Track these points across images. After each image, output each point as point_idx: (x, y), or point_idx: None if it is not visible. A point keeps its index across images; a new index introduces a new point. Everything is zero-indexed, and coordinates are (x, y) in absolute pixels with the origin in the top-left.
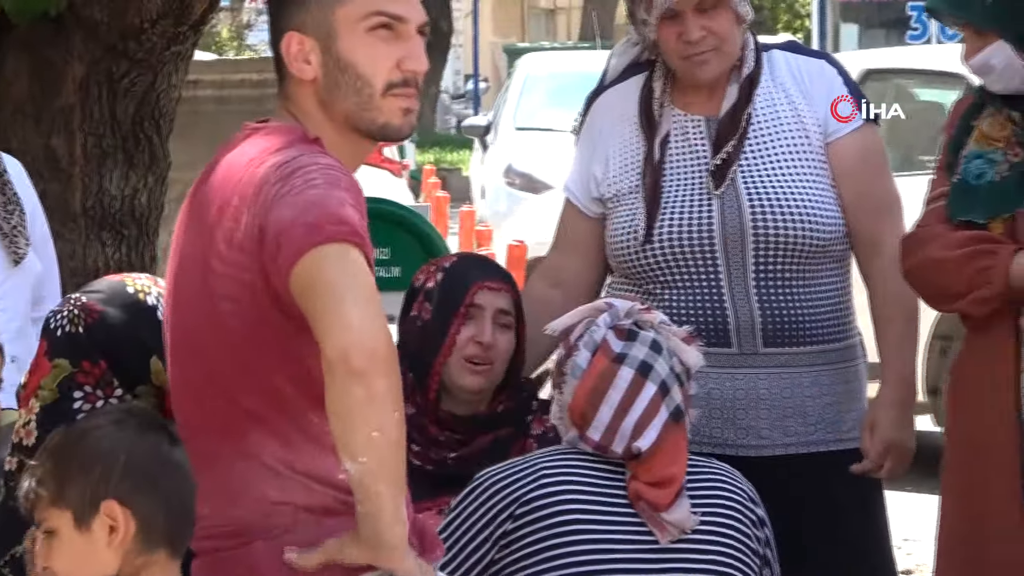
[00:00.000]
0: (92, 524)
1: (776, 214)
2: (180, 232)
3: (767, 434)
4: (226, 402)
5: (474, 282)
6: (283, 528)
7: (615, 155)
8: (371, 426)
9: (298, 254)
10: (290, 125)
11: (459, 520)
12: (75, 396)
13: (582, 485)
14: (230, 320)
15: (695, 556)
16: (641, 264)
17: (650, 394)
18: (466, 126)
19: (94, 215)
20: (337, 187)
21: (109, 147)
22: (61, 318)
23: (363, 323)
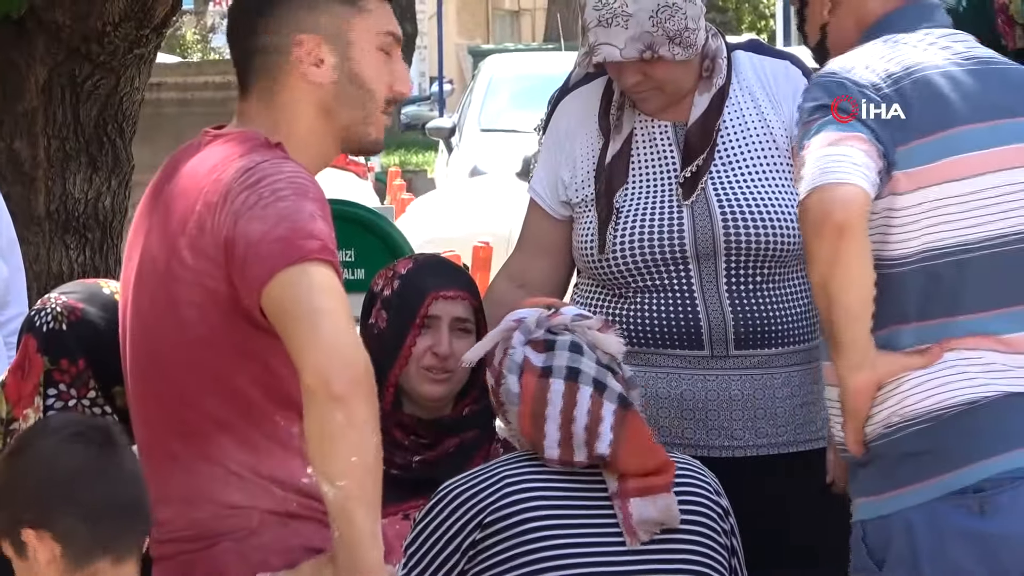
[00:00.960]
0: (26, 551)
1: (748, 223)
2: (137, 240)
3: (740, 435)
4: (189, 407)
5: (430, 292)
6: (248, 530)
7: (581, 159)
8: (351, 451)
9: (269, 273)
10: (250, 131)
11: (426, 532)
12: (49, 394)
13: (548, 491)
14: (193, 326)
15: (666, 555)
16: (605, 271)
17: (587, 396)
18: (431, 128)
19: (58, 218)
20: (305, 198)
21: (72, 150)
22: (45, 315)
23: (343, 348)
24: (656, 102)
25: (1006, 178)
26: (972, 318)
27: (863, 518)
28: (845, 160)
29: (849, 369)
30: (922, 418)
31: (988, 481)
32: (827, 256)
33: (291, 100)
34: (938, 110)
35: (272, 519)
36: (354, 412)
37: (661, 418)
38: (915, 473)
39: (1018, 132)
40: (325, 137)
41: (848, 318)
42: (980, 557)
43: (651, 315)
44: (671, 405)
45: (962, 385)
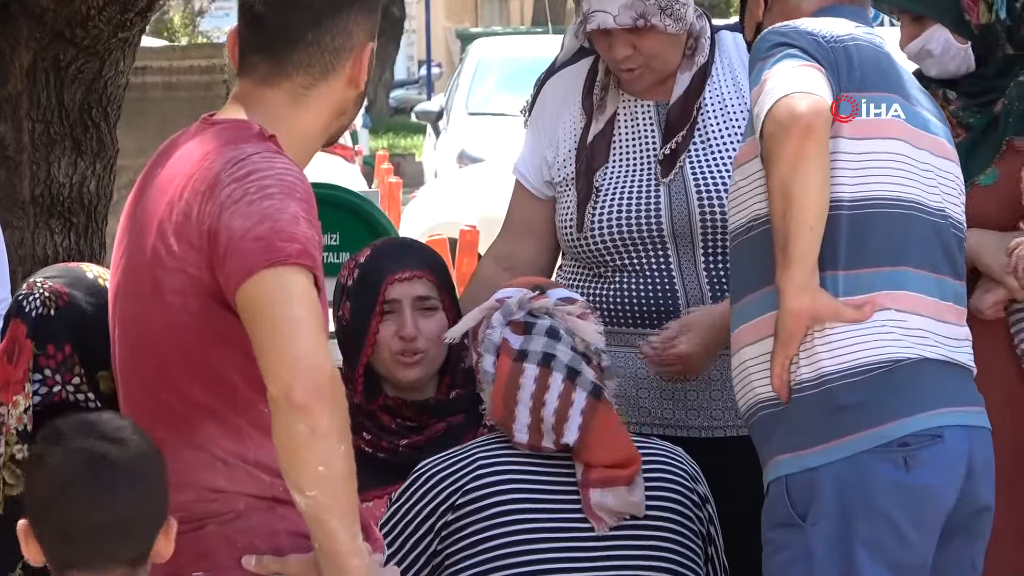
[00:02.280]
0: None
1: (724, 202)
2: (127, 224)
3: (719, 415)
4: (175, 394)
5: (384, 277)
6: (234, 514)
7: (565, 139)
8: (317, 461)
9: (246, 273)
10: (246, 121)
11: (400, 512)
12: (34, 379)
13: (520, 474)
14: (178, 313)
15: (636, 542)
16: (584, 250)
17: (559, 384)
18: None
19: (42, 202)
20: (292, 197)
21: (57, 134)
22: (34, 300)
23: (306, 359)
24: (643, 81)
25: (932, 159)
26: (898, 271)
27: (785, 473)
28: (810, 79)
29: (794, 288)
30: (849, 371)
31: (911, 436)
32: (791, 156)
33: (321, 99)
34: (878, 73)
35: (258, 504)
36: (317, 422)
37: (641, 399)
38: (842, 426)
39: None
40: (324, 134)
41: (803, 222)
42: (906, 508)
43: (630, 295)
44: (650, 385)
45: (888, 344)
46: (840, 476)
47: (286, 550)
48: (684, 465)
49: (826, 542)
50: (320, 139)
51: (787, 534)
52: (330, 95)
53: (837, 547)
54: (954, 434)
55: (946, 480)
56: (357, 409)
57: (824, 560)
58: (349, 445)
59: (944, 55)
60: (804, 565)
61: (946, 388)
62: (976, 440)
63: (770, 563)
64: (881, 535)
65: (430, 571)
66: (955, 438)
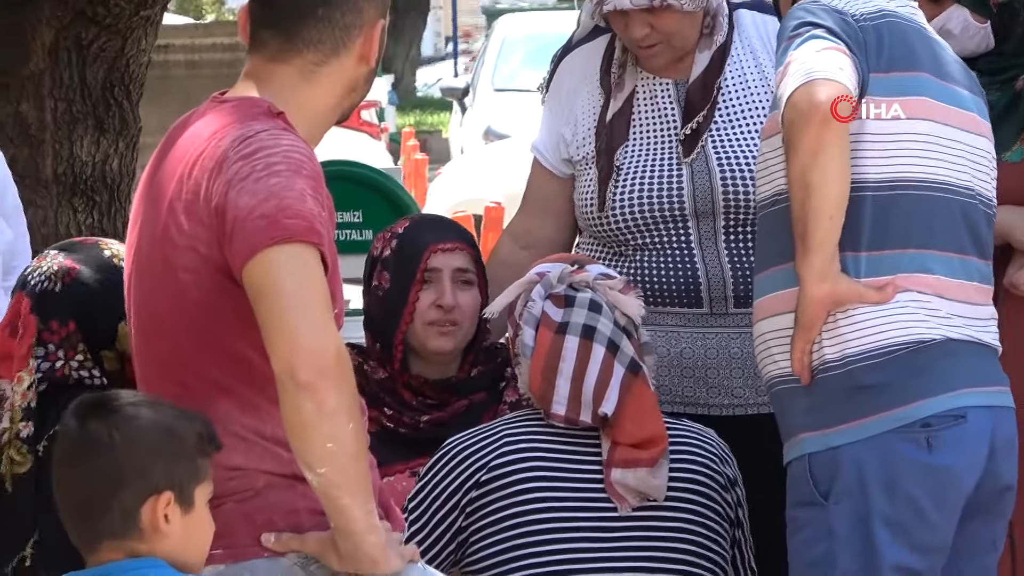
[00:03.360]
0: None
1: (747, 180)
2: (140, 203)
3: (740, 393)
4: (191, 372)
5: (428, 245)
6: (252, 491)
7: (583, 117)
8: (325, 438)
9: (252, 251)
10: (255, 98)
11: (427, 488)
12: (37, 354)
13: (546, 451)
14: (190, 291)
15: (660, 523)
16: (604, 229)
17: (600, 356)
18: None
19: (65, 181)
20: (299, 175)
21: (79, 113)
22: (40, 274)
23: (310, 337)
24: (661, 58)
25: (962, 136)
26: (921, 253)
27: (808, 451)
28: (833, 64)
29: (813, 276)
30: (873, 352)
31: (934, 417)
32: (811, 145)
33: (332, 75)
34: (907, 52)
35: (277, 481)
36: (323, 401)
37: (662, 377)
38: (866, 406)
39: (968, 103)
40: (336, 111)
41: (822, 212)
42: (928, 489)
43: (650, 273)
44: (671, 363)
45: (912, 325)
46: (863, 456)
47: (306, 527)
48: (712, 447)
49: (848, 521)
50: (332, 116)
51: (809, 512)
52: (341, 72)
53: (858, 526)
54: (977, 415)
55: (969, 461)
56: (379, 384)
57: (846, 539)
58: (358, 422)
59: (963, 34)
60: (826, 543)
61: (970, 368)
62: (999, 420)
63: (793, 541)
64: (903, 515)
65: (456, 547)
66: (978, 419)
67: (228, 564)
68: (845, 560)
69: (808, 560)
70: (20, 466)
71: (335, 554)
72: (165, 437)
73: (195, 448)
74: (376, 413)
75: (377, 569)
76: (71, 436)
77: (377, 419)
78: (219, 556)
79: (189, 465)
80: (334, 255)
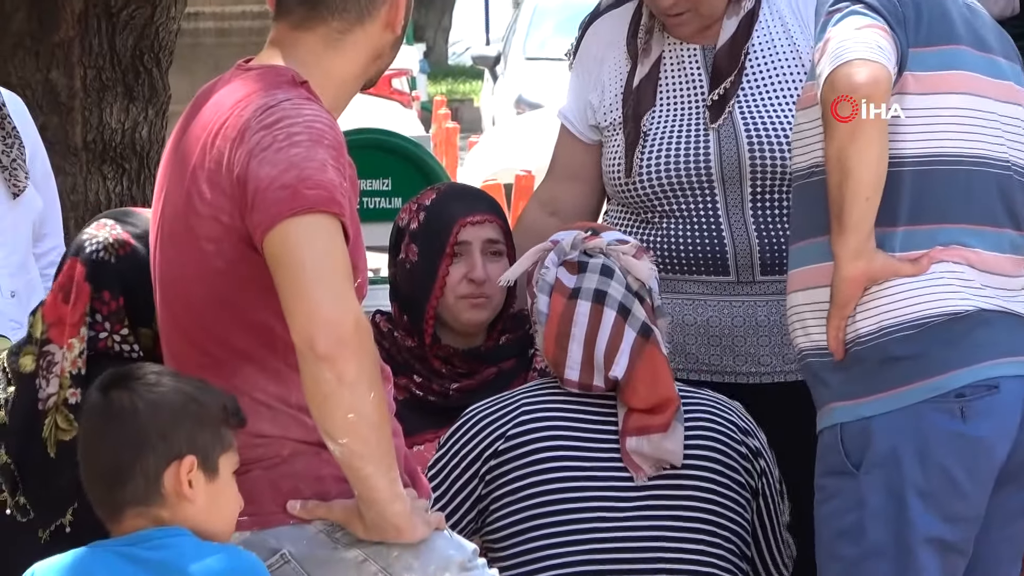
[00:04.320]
0: None
1: (774, 146)
2: (165, 171)
3: (767, 361)
4: (214, 341)
5: (457, 219)
6: (279, 458)
7: (610, 83)
8: (346, 409)
9: (272, 221)
10: (280, 66)
11: (447, 457)
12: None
13: (564, 420)
14: (213, 260)
15: (675, 491)
16: (631, 195)
17: (611, 320)
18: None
19: (95, 148)
20: (320, 144)
21: (109, 80)
22: (98, 243)
23: (329, 307)
24: (689, 27)
25: (998, 108)
26: (957, 227)
27: (840, 421)
28: (872, 43)
29: (848, 255)
30: (908, 324)
31: (968, 387)
32: (848, 128)
33: (357, 43)
34: (946, 25)
35: (303, 448)
36: (343, 371)
37: (688, 345)
38: (899, 377)
39: (1005, 71)
40: (360, 78)
41: (859, 194)
42: (961, 458)
43: (677, 240)
44: (697, 332)
45: (946, 296)
46: (895, 426)
47: (332, 495)
48: (733, 417)
49: (880, 491)
50: (357, 84)
51: (840, 482)
52: (366, 39)
53: (891, 497)
54: (1010, 384)
55: (1001, 431)
56: (409, 352)
57: (877, 509)
58: (380, 391)
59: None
60: (856, 513)
61: (1003, 338)
62: None
63: (822, 510)
64: (936, 485)
65: (475, 515)
66: (1011, 388)
67: (254, 531)
68: (876, 531)
69: (837, 530)
70: (66, 433)
71: (360, 522)
72: (188, 403)
73: (218, 418)
74: (405, 381)
75: (402, 537)
76: (95, 407)
77: (406, 387)
78: (245, 523)
79: (213, 432)
80: (356, 225)
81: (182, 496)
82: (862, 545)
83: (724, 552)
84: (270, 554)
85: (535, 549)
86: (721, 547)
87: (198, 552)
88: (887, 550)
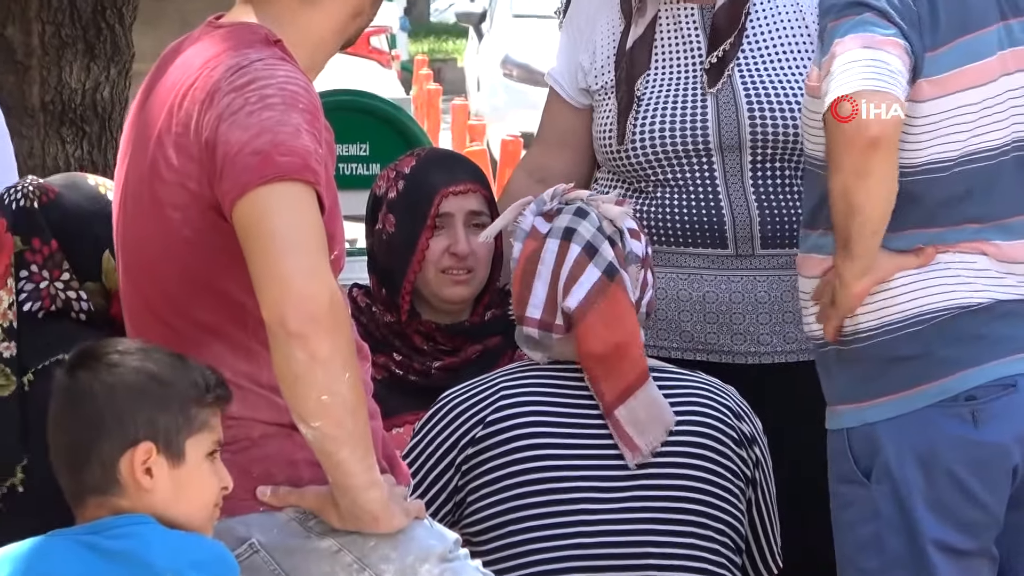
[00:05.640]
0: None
1: (776, 113)
2: (129, 135)
3: (767, 340)
4: (180, 315)
5: (439, 188)
6: (249, 441)
7: (602, 43)
8: (319, 390)
9: (242, 189)
10: (252, 24)
11: (422, 445)
12: (21, 276)
13: (547, 405)
14: (180, 229)
15: (666, 479)
16: (624, 163)
17: (575, 255)
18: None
19: (53, 110)
20: (294, 108)
21: (68, 37)
22: (14, 192)
23: (299, 282)
24: None
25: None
26: (973, 227)
27: (847, 426)
28: (884, 67)
29: (855, 276)
30: (912, 320)
31: (979, 389)
32: (855, 167)
33: None
34: (961, 13)
35: (274, 431)
36: (316, 350)
37: (683, 322)
38: (904, 379)
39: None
40: (339, 36)
41: (866, 231)
42: (973, 466)
43: (672, 211)
44: (693, 308)
45: (955, 288)
46: (901, 432)
47: (305, 480)
48: (726, 400)
49: (891, 501)
50: (335, 42)
51: (853, 490)
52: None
53: (901, 507)
54: None
55: (1018, 433)
56: (388, 328)
57: (891, 519)
58: (355, 372)
59: None
60: (873, 525)
61: (1020, 332)
62: None
63: (840, 517)
64: (946, 494)
65: (452, 508)
66: None
67: (222, 519)
68: (893, 543)
69: (857, 543)
70: (3, 388)
71: (335, 510)
72: (148, 384)
73: (188, 397)
74: (384, 359)
75: (379, 527)
76: (59, 388)
77: (385, 365)
78: None
79: (177, 414)
80: (333, 193)
81: (140, 485)
82: (882, 557)
83: (716, 545)
84: (238, 543)
85: (515, 544)
86: (713, 539)
87: (163, 541)
88: (907, 561)
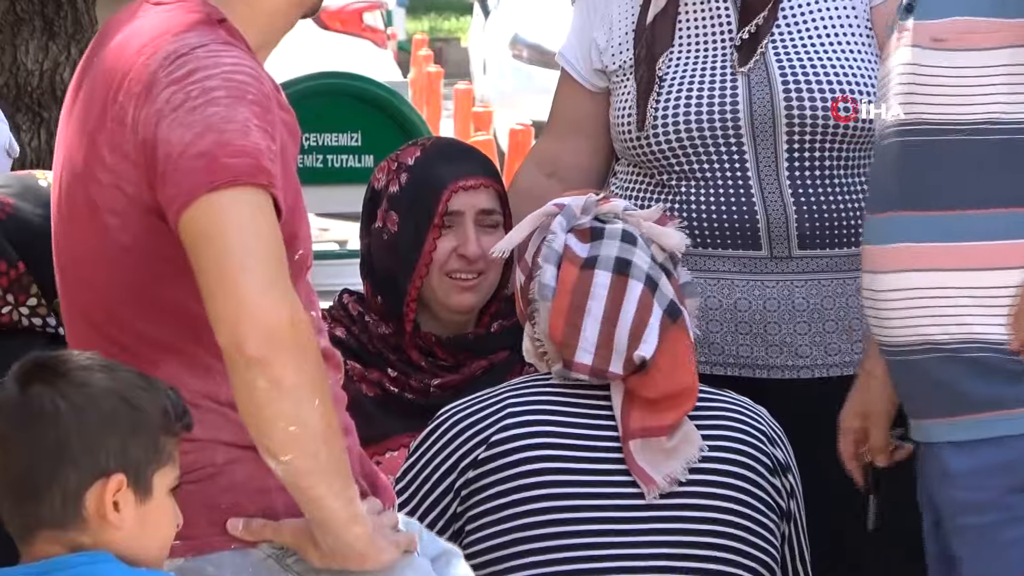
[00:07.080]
0: None
1: (815, 94)
2: (63, 130)
3: (806, 352)
4: (124, 331)
5: (447, 184)
6: (213, 468)
7: (620, 19)
8: (285, 421)
9: (188, 197)
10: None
11: (418, 467)
12: None
13: (557, 425)
14: (118, 236)
15: (693, 511)
16: (644, 152)
17: (637, 293)
18: None
19: (7, 94)
20: (242, 101)
21: (24, 12)
22: None
23: (257, 301)
24: None
25: None
26: None
27: (1013, 433)
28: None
29: None
30: None
31: None
32: None
33: None
34: None
35: (240, 454)
36: (279, 376)
37: (711, 333)
38: None
39: None
40: (297, 7)
41: None
42: None
43: (698, 207)
44: (723, 318)
45: None
46: None
47: (279, 510)
48: (762, 425)
49: None
50: (292, 13)
51: None
52: None
53: None
54: None
55: None
56: (383, 340)
57: None
58: (326, 396)
59: None
60: None
61: None
62: None
63: (1002, 535)
64: None
65: (450, 537)
66: None
67: (188, 558)
68: None
69: None
70: None
71: (315, 548)
72: (120, 408)
73: (158, 425)
74: (378, 375)
75: (366, 564)
76: (8, 403)
77: (379, 381)
78: (178, 548)
79: (148, 444)
80: (294, 187)
81: (106, 520)
82: None
83: None
84: None
85: None
86: None
87: None
88: None
